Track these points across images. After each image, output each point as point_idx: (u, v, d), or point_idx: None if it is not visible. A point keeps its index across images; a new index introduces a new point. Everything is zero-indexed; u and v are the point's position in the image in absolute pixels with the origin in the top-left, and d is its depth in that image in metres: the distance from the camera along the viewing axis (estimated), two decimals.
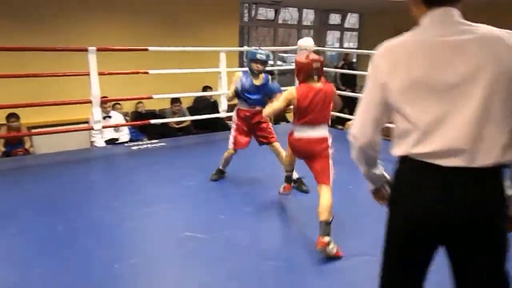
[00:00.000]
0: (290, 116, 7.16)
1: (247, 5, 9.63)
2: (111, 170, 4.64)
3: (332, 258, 2.66)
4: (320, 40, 11.03)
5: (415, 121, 1.34)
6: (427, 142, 1.33)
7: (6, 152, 5.59)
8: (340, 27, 11.55)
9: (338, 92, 3.24)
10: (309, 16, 11.27)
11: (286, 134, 3.14)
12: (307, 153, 3.01)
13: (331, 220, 2.74)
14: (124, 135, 6.08)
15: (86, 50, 4.56)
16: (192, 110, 7.09)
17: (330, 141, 3.00)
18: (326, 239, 2.66)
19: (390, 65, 1.39)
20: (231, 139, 3.88)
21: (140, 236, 3.03)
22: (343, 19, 11.42)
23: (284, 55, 12.20)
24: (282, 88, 3.59)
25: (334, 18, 11.42)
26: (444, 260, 1.43)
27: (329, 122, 3.04)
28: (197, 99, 7.56)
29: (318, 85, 2.92)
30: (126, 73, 5.49)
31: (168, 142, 5.42)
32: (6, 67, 5.13)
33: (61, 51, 5.41)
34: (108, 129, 5.73)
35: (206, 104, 7.19)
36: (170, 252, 2.82)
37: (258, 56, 3.68)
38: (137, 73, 5.25)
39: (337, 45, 11.95)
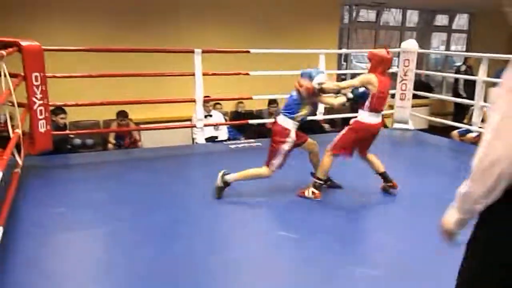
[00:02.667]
0: (387, 121, 6.95)
1: (347, 7, 9.49)
2: (210, 166, 4.84)
3: None
4: (423, 42, 10.52)
5: None
6: None
7: (117, 143, 6.09)
8: (448, 29, 10.90)
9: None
10: (412, 17, 10.79)
11: (387, 139, 3.08)
12: (372, 137, 3.51)
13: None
14: (223, 133, 6.33)
15: (192, 51, 4.82)
16: None
17: None
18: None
19: None
20: None
21: (235, 231, 3.13)
22: (451, 20, 10.77)
23: None
24: None
25: (441, 19, 10.82)
26: None
27: None
28: None
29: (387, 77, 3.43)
30: (228, 74, 5.72)
31: (264, 142, 5.52)
32: (120, 67, 5.60)
33: (170, 52, 5.79)
34: (208, 127, 6.00)
35: None
36: (263, 250, 2.89)
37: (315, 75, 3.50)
38: (239, 74, 5.44)
39: (442, 48, 11.29)
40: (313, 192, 3.55)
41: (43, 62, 4.08)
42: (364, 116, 3.45)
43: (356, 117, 3.58)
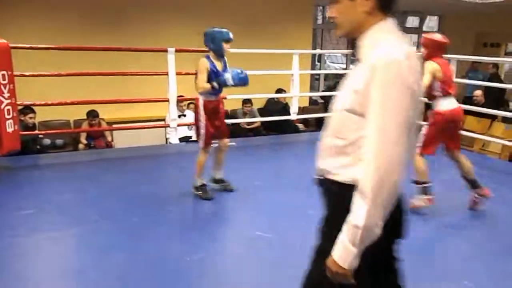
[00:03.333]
0: None
1: (321, 7, 9.57)
2: (184, 166, 4.81)
3: None
4: None
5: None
6: None
7: (88, 144, 5.96)
8: (418, 30, 11.13)
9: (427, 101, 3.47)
10: None
11: None
12: (457, 123, 3.38)
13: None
14: None
15: (165, 51, 4.77)
16: (263, 112, 7.17)
17: None
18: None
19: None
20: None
21: (210, 232, 3.12)
22: (421, 21, 11.00)
23: None
24: None
25: (412, 21, 11.03)
26: None
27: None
28: (269, 101, 7.63)
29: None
30: None
31: (238, 142, 5.52)
32: (92, 66, 5.49)
33: (143, 51, 5.69)
34: (182, 127, 5.95)
35: (277, 106, 7.24)
36: (239, 250, 2.88)
37: (231, 35, 3.49)
38: None
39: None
40: (423, 200, 3.34)
41: (10, 60, 3.98)
42: (441, 104, 3.34)
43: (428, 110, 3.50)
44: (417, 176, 3.33)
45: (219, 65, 3.50)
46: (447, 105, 3.32)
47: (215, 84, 3.38)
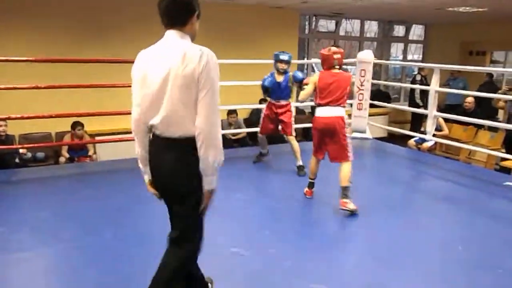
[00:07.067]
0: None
1: (307, 17, 9.58)
2: None
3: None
4: (383, 52, 10.75)
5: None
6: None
7: (70, 157, 5.87)
8: (404, 39, 11.19)
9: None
10: (372, 27, 11.01)
11: None
12: (328, 131, 3.60)
13: (349, 186, 3.52)
14: None
15: None
16: (249, 122, 7.11)
17: (347, 121, 3.67)
18: (345, 200, 3.49)
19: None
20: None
21: None
22: (407, 31, 11.06)
23: (348, 67, 11.98)
24: None
25: (398, 30, 11.09)
26: None
27: (345, 105, 3.70)
28: (254, 112, 7.58)
29: (338, 72, 3.68)
30: None
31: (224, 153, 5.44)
32: (73, 78, 5.41)
33: (123, 62, 5.59)
34: None
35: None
36: (216, 267, 2.80)
37: (283, 56, 4.62)
38: None
39: (401, 57, 11.56)
40: (306, 191, 3.92)
41: None
42: (316, 111, 3.73)
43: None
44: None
45: (278, 78, 4.64)
46: (319, 112, 3.68)
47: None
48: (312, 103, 4.19)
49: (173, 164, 1.89)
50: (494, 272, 2.75)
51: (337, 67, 3.70)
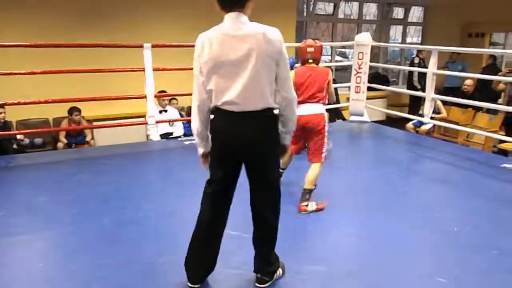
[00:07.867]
0: (346, 114, 7.00)
1: (305, 0, 9.49)
2: (163, 164, 4.75)
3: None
4: (381, 35, 10.66)
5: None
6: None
7: (68, 143, 5.87)
8: (403, 21, 11.09)
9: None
10: (371, 10, 10.91)
11: (342, 131, 3.08)
12: (309, 128, 3.34)
13: (313, 189, 3.31)
14: (178, 129, 6.20)
15: (141, 46, 4.68)
16: None
17: (326, 119, 3.42)
18: (304, 203, 3.25)
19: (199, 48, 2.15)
20: None
21: (185, 232, 3.05)
22: (407, 12, 10.95)
23: (346, 50, 11.91)
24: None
25: (397, 12, 10.99)
26: None
27: (325, 103, 3.49)
28: None
29: (313, 66, 3.42)
30: (179, 69, 5.39)
31: None
32: (70, 63, 5.38)
33: (119, 47, 5.56)
34: (163, 123, 5.86)
35: None
36: None
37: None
38: (191, 69, 5.29)
39: (400, 40, 11.47)
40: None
41: None
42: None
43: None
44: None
45: None
46: (299, 111, 3.21)
47: None
48: None
49: (260, 134, 2.09)
50: (489, 253, 2.77)
51: (311, 61, 3.45)
